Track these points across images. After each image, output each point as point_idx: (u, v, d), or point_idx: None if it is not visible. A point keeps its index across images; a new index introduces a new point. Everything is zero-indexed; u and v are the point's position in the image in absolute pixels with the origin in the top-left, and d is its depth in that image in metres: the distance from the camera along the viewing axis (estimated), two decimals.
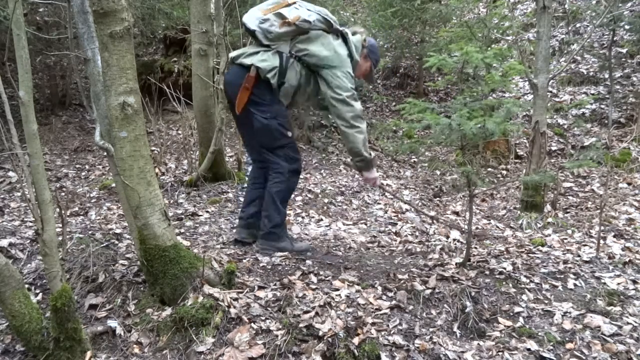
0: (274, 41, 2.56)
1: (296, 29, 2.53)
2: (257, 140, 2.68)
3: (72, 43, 2.54)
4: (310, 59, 2.58)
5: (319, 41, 2.59)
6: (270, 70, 2.53)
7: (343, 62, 2.59)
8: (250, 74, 2.52)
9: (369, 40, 2.83)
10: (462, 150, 2.74)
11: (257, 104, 2.58)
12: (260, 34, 2.54)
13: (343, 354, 1.87)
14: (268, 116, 2.59)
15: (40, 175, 1.70)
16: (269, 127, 2.59)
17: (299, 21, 2.50)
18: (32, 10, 5.45)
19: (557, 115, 6.46)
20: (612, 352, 1.98)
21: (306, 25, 2.53)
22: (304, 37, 2.58)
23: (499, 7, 7.74)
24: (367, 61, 2.83)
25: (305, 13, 2.53)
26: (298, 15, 2.50)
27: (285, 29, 2.51)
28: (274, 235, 2.78)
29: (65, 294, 1.74)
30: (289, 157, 2.70)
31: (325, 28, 2.62)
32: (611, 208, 4.13)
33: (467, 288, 2.40)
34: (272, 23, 2.51)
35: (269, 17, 2.51)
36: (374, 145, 6.53)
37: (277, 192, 2.71)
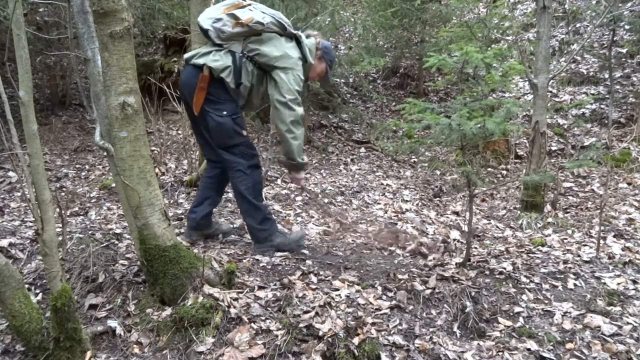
0: (226, 41, 2.58)
1: (249, 30, 2.56)
2: (213, 139, 2.68)
3: (72, 43, 2.54)
4: (261, 58, 2.60)
5: (271, 43, 2.61)
6: (223, 70, 2.54)
7: (293, 64, 2.61)
8: (204, 74, 2.53)
9: (322, 42, 2.86)
10: (462, 150, 2.74)
11: (213, 103, 2.59)
12: (213, 33, 2.56)
13: (343, 354, 1.87)
14: (224, 114, 2.59)
15: (40, 175, 1.70)
16: (224, 126, 2.60)
17: (252, 22, 2.53)
18: (32, 10, 5.44)
19: (557, 115, 6.46)
20: (612, 352, 1.98)
21: (259, 27, 2.56)
22: (256, 38, 2.61)
23: (499, 7, 7.74)
24: (322, 62, 2.85)
25: (259, 15, 2.57)
26: (251, 17, 2.53)
27: (238, 29, 2.54)
28: (265, 232, 2.76)
29: (65, 294, 1.74)
30: (245, 154, 2.70)
31: (279, 31, 2.65)
32: (611, 208, 4.13)
33: (467, 288, 2.40)
34: (225, 23, 2.53)
35: (222, 16, 2.53)
36: (373, 145, 6.54)
37: (246, 190, 2.69)
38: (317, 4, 5.68)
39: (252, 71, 2.63)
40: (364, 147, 6.51)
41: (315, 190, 4.54)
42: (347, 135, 6.87)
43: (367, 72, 8.10)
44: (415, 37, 7.89)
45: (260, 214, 2.76)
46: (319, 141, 6.48)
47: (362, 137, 6.83)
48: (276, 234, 2.81)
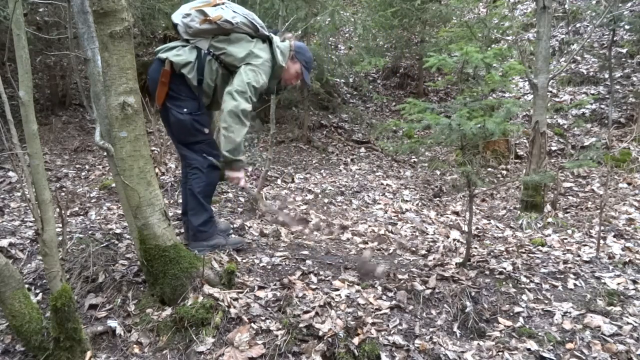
0: (194, 36, 2.57)
1: (217, 27, 2.54)
2: (174, 134, 2.68)
3: (72, 43, 2.54)
4: (227, 58, 2.58)
5: (239, 43, 2.59)
6: (184, 65, 2.52)
7: (260, 63, 2.58)
8: (165, 68, 2.51)
9: (295, 42, 2.84)
10: (462, 150, 2.74)
11: (174, 99, 2.57)
12: (181, 28, 2.56)
13: (343, 354, 1.87)
14: (184, 111, 2.58)
15: (40, 175, 1.70)
16: (184, 123, 2.58)
17: (220, 20, 2.52)
18: (32, 10, 5.44)
19: (557, 115, 6.46)
20: (612, 352, 1.98)
21: (228, 25, 2.54)
22: (224, 37, 2.59)
23: (499, 7, 7.74)
24: (296, 62, 2.80)
25: (229, 14, 2.54)
26: (220, 15, 2.51)
27: (206, 26, 2.53)
28: (204, 234, 2.74)
29: (65, 294, 1.74)
30: (205, 152, 2.66)
31: (251, 32, 2.64)
32: (611, 208, 4.13)
33: (467, 288, 2.40)
34: (192, 18, 2.53)
35: (192, 12, 2.53)
36: (374, 145, 6.54)
37: (198, 188, 2.67)
38: (317, 4, 5.68)
39: (216, 70, 2.61)
40: (364, 147, 6.51)
41: (253, 192, 4.54)
42: (347, 135, 6.87)
43: (367, 72, 8.10)
44: (415, 37, 7.89)
45: (205, 215, 2.73)
46: (319, 141, 6.48)
47: (362, 137, 6.83)
48: (215, 236, 2.78)
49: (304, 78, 2.87)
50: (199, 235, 2.73)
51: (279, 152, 5.90)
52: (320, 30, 5.86)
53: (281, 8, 3.72)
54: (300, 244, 3.07)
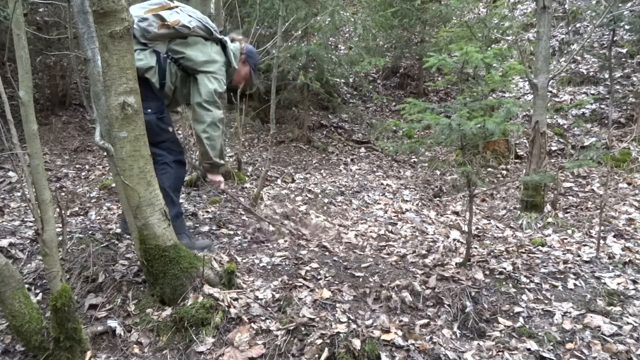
0: (151, 41, 2.60)
1: (174, 32, 2.59)
2: None
3: (72, 43, 2.54)
4: (186, 62, 2.64)
5: (197, 47, 2.64)
6: (148, 69, 2.56)
7: (217, 69, 2.66)
8: None
9: (246, 46, 2.93)
10: (462, 150, 2.74)
11: None
12: (138, 32, 2.56)
13: (343, 354, 1.87)
14: (148, 112, 2.58)
15: (40, 175, 1.70)
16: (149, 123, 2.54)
17: (178, 25, 2.57)
18: (32, 10, 5.44)
19: (557, 115, 6.46)
20: (612, 352, 1.98)
21: (185, 30, 2.59)
22: (181, 40, 2.64)
23: (499, 7, 7.74)
24: (246, 65, 2.93)
25: (185, 18, 2.60)
26: (178, 20, 2.57)
27: (164, 31, 2.57)
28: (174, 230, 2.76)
29: (65, 294, 1.74)
30: (171, 149, 2.74)
31: (205, 35, 2.69)
32: (611, 208, 4.13)
33: (467, 288, 2.40)
34: (150, 23, 2.55)
35: (149, 17, 2.55)
36: (374, 145, 6.54)
37: (168, 182, 2.70)
38: (317, 4, 5.68)
39: (175, 72, 2.66)
40: (364, 147, 6.51)
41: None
42: (347, 135, 6.87)
43: (367, 72, 8.10)
44: (415, 37, 7.89)
45: (174, 210, 2.75)
46: (319, 141, 6.48)
47: (362, 137, 6.82)
48: (183, 235, 2.77)
49: (252, 79, 3.03)
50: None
51: (279, 152, 5.90)
52: (320, 30, 5.86)
53: (281, 8, 3.72)
54: (309, 245, 3.07)
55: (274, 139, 4.74)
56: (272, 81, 3.66)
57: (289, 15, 5.22)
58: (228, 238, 3.13)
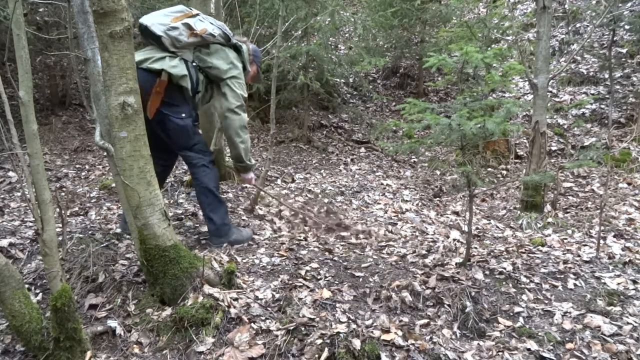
0: (180, 49, 2.66)
1: (201, 40, 2.67)
2: (173, 140, 2.74)
3: (72, 43, 2.53)
4: (213, 71, 2.72)
5: (218, 54, 2.74)
6: (182, 77, 2.62)
7: (239, 74, 2.78)
8: (162, 79, 2.57)
9: (252, 47, 3.03)
10: (462, 150, 2.74)
11: (172, 106, 2.64)
12: (167, 41, 2.61)
13: (343, 354, 1.87)
14: (183, 116, 2.67)
15: (40, 175, 1.70)
16: (185, 127, 2.69)
17: (205, 34, 2.66)
18: (32, 10, 5.44)
19: (557, 115, 6.46)
20: (612, 352, 1.98)
21: (211, 38, 2.69)
22: (206, 50, 2.73)
23: (499, 7, 7.74)
24: (254, 65, 3.04)
25: (210, 27, 2.69)
26: (205, 28, 2.66)
27: (193, 39, 2.64)
28: (226, 227, 2.87)
29: (65, 294, 1.74)
30: (204, 151, 2.83)
31: (223, 42, 2.78)
32: (611, 208, 4.13)
33: (467, 288, 2.40)
34: (180, 32, 2.61)
35: (178, 25, 2.61)
36: (374, 145, 6.54)
37: (212, 183, 2.81)
38: (317, 4, 5.68)
39: (202, 80, 2.76)
40: (364, 147, 6.50)
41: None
42: (347, 135, 6.87)
43: (367, 72, 8.10)
44: (415, 37, 7.89)
45: (223, 209, 2.87)
46: (319, 141, 6.48)
47: (362, 137, 6.82)
48: (233, 229, 2.92)
49: (258, 77, 3.16)
50: (223, 230, 2.85)
51: (279, 152, 5.90)
52: (320, 30, 5.86)
53: (281, 8, 3.72)
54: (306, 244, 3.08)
55: (274, 139, 4.73)
56: (272, 81, 3.66)
57: (289, 15, 5.22)
58: None
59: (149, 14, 2.71)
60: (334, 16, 5.63)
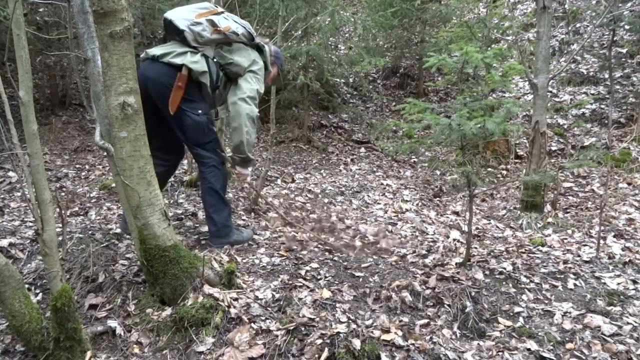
0: (202, 45, 2.66)
1: (224, 37, 2.68)
2: (188, 137, 2.74)
3: (72, 43, 2.54)
4: (234, 68, 2.73)
5: (240, 52, 2.75)
6: (202, 73, 2.62)
7: (259, 70, 2.80)
8: (183, 74, 2.57)
9: (274, 48, 3.05)
10: (462, 150, 2.74)
11: (190, 102, 2.64)
12: (190, 36, 2.61)
13: (343, 354, 1.87)
14: (199, 113, 2.67)
15: (40, 175, 1.70)
16: (201, 124, 2.68)
17: (228, 31, 2.66)
18: (32, 10, 5.44)
19: (557, 115, 6.46)
20: (612, 352, 1.98)
21: (234, 36, 2.69)
22: (228, 47, 2.74)
23: (499, 7, 7.74)
24: (274, 67, 3.07)
25: (234, 25, 2.70)
26: (228, 26, 2.66)
27: (216, 36, 2.65)
28: (228, 229, 2.87)
29: (65, 294, 1.74)
30: (216, 150, 2.81)
31: (247, 41, 2.79)
32: (611, 208, 4.13)
33: (467, 288, 2.40)
34: (204, 28, 2.61)
35: (202, 21, 2.61)
36: (373, 145, 6.54)
37: (219, 184, 2.80)
38: (317, 4, 5.68)
39: (222, 77, 2.75)
40: (364, 147, 6.50)
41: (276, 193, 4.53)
42: (347, 135, 6.87)
43: (367, 72, 8.10)
44: (415, 37, 7.89)
45: (227, 211, 2.87)
46: (319, 141, 6.48)
47: (362, 137, 6.82)
48: (233, 230, 2.92)
49: (279, 79, 3.18)
50: (224, 231, 2.84)
51: (279, 152, 5.90)
52: (320, 30, 5.86)
53: (281, 8, 3.72)
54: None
55: (274, 139, 4.74)
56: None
57: (289, 15, 5.22)
58: None
59: (174, 8, 2.71)
60: (334, 16, 5.63)
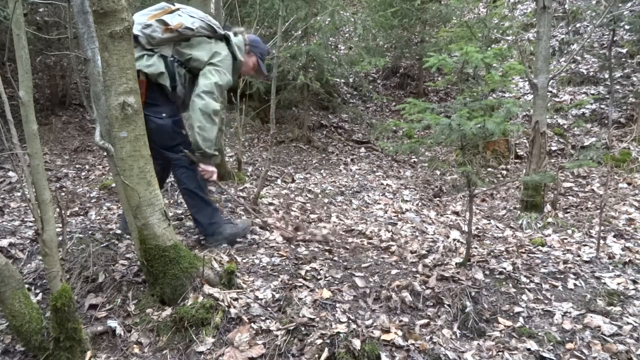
0: (157, 46, 2.63)
1: (178, 35, 2.62)
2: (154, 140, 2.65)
3: (72, 43, 2.54)
4: (193, 63, 2.66)
5: (201, 46, 2.67)
6: (159, 75, 2.59)
7: (220, 61, 2.67)
8: (140, 79, 2.52)
9: (249, 36, 2.91)
10: (462, 150, 2.74)
11: (151, 106, 2.61)
12: (143, 39, 2.59)
13: (343, 354, 1.87)
14: (163, 116, 2.64)
15: (40, 175, 1.70)
16: (165, 127, 2.65)
17: (181, 28, 2.59)
18: (32, 10, 5.44)
19: (557, 115, 6.46)
20: (612, 352, 1.98)
21: (189, 32, 2.62)
22: (186, 43, 2.67)
23: (499, 7, 7.74)
24: (252, 56, 2.92)
25: (188, 20, 2.61)
26: (181, 23, 2.59)
27: (168, 35, 2.60)
28: (215, 226, 2.82)
29: (65, 294, 1.74)
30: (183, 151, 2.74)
31: (209, 34, 2.71)
32: (611, 208, 4.13)
33: (467, 288, 2.40)
34: (154, 29, 2.57)
35: (152, 23, 2.57)
36: (374, 145, 6.54)
37: (193, 184, 2.75)
38: (317, 4, 5.68)
39: (184, 75, 2.69)
40: (364, 147, 6.50)
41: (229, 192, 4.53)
42: (347, 135, 6.87)
43: (367, 72, 8.11)
44: (415, 37, 7.89)
45: (209, 209, 2.82)
46: (319, 141, 6.48)
47: (362, 137, 6.82)
48: (224, 225, 2.87)
49: (260, 69, 2.98)
50: (210, 229, 2.81)
51: (279, 152, 5.90)
52: (320, 30, 5.86)
53: (281, 8, 3.72)
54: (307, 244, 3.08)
55: (274, 139, 4.74)
56: (272, 81, 3.66)
57: (289, 15, 5.22)
58: None
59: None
60: (334, 16, 5.64)
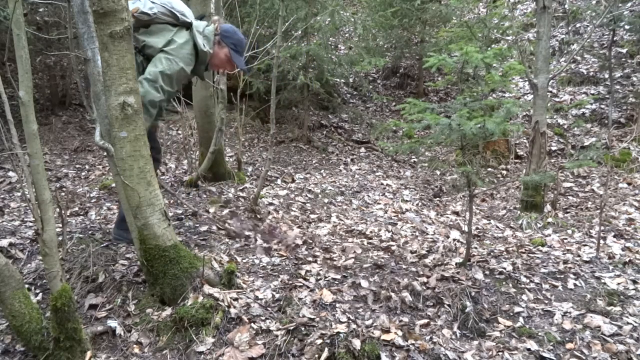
0: None
1: (135, 20, 2.41)
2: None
3: (72, 43, 2.53)
4: (148, 50, 2.49)
5: (160, 34, 2.49)
6: None
7: (172, 49, 2.47)
8: None
9: (222, 26, 2.70)
10: (462, 150, 2.74)
11: None
12: None
13: (343, 354, 1.87)
14: None
15: (40, 175, 1.70)
16: None
17: (137, 13, 2.41)
18: (32, 10, 5.44)
19: (557, 115, 6.46)
20: (612, 352, 1.98)
21: (145, 17, 2.45)
22: (144, 29, 2.49)
23: (499, 7, 7.74)
24: (223, 47, 2.68)
25: (146, 5, 2.45)
26: (136, 7, 2.42)
27: None
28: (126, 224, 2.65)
29: (65, 294, 1.74)
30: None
31: (171, 21, 2.53)
32: (611, 208, 4.13)
33: (467, 288, 2.40)
34: None
35: None
36: (374, 145, 6.53)
37: None
38: (317, 4, 5.68)
39: (141, 63, 2.51)
40: (364, 147, 6.50)
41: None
42: (347, 135, 6.87)
43: (367, 72, 8.11)
44: (415, 37, 7.89)
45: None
46: (319, 141, 6.47)
47: (362, 137, 6.82)
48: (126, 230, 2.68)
49: (236, 62, 2.73)
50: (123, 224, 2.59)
51: (279, 152, 5.90)
52: (320, 30, 5.86)
53: (281, 8, 3.71)
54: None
55: (274, 139, 4.74)
56: (272, 81, 3.66)
57: (289, 15, 5.22)
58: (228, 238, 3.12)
59: None
60: (334, 16, 5.64)
